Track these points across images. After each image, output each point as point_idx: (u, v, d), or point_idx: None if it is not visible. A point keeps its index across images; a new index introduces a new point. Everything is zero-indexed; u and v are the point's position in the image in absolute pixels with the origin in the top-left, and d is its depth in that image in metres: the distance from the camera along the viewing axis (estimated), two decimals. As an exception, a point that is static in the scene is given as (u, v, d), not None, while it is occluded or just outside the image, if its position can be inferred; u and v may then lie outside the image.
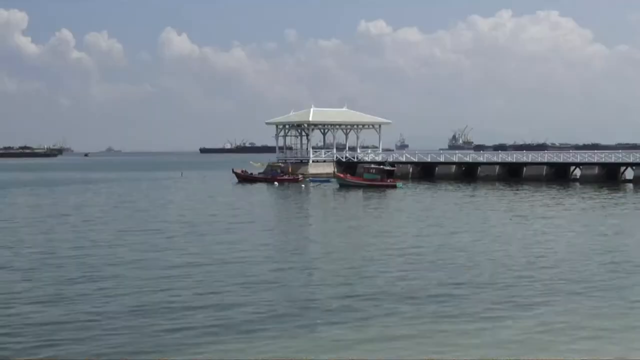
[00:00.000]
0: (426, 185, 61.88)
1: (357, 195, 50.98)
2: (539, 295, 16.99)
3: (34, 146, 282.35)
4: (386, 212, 37.15)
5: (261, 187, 62.83)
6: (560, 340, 13.38)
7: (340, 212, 37.68)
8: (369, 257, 21.61)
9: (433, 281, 18.35)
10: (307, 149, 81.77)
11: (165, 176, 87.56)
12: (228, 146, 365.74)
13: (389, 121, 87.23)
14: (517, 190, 55.07)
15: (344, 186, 60.20)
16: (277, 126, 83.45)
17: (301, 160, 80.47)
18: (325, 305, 15.73)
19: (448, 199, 46.04)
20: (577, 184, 62.33)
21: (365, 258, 21.42)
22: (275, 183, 65.22)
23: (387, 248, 23.69)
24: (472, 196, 48.94)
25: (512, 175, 69.14)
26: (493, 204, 41.94)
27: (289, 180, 68.47)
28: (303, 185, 62.75)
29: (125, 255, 22.60)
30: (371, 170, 61.24)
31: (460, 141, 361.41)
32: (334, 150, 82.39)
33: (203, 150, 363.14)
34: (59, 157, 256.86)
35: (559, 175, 67.39)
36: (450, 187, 58.85)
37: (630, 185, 59.76)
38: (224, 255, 22.60)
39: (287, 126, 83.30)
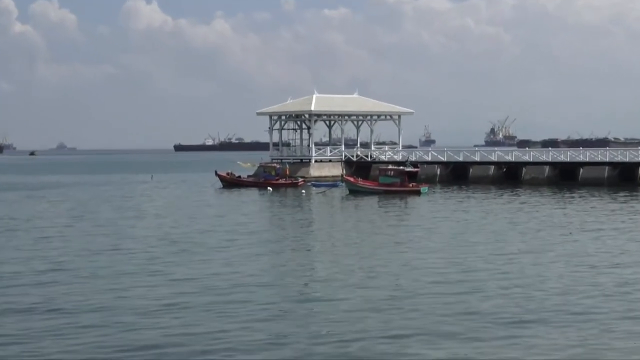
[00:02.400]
0: (458, 191, 61.82)
1: (371, 204, 50.90)
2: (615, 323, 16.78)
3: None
4: (411, 228, 36.96)
5: (251, 193, 62.76)
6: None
7: (350, 227, 37.58)
8: (399, 301, 20.73)
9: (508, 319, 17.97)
10: (308, 145, 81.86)
11: (133, 180, 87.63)
12: (209, 142, 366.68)
13: (411, 111, 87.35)
14: (573, 196, 54.92)
15: (355, 192, 60.24)
16: (270, 117, 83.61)
17: (301, 160, 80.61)
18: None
19: (488, 209, 45.90)
20: (648, 188, 62.25)
21: (396, 300, 20.38)
22: (269, 188, 65.25)
23: (422, 281, 22.78)
24: (520, 204, 48.74)
25: (566, 177, 69.06)
26: (549, 215, 41.80)
27: (285, 185, 68.59)
28: (303, 191, 62.79)
29: (91, 288, 22.36)
30: (389, 173, 61.28)
31: (500, 136, 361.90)
32: (342, 147, 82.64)
33: (178, 148, 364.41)
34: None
35: (624, 177, 67.23)
36: (488, 193, 58.74)
37: None
38: (215, 293, 22.36)
39: (283, 117, 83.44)
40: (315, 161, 79.70)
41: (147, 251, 29.07)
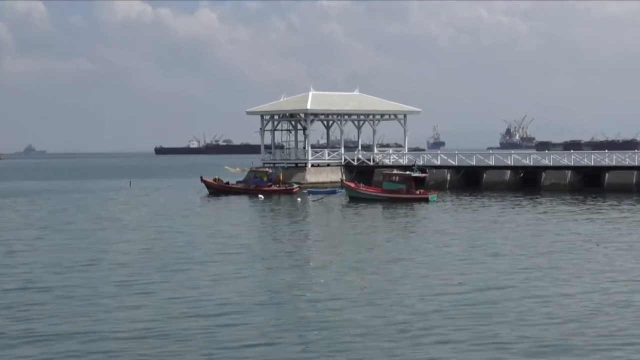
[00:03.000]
0: (470, 198, 61.87)
1: (373, 214, 50.85)
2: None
3: None
4: (419, 241, 36.88)
5: (241, 201, 62.73)
6: None
7: (351, 240, 37.49)
8: (412, 330, 20.64)
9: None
10: (304, 148, 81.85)
11: (109, 186, 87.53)
12: (194, 145, 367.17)
13: (418, 109, 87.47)
14: (598, 204, 54.90)
15: (356, 199, 60.35)
16: (262, 117, 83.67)
17: (296, 164, 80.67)
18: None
19: (505, 219, 45.80)
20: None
21: (407, 325, 20.21)
22: (260, 196, 65.25)
23: (435, 303, 22.54)
24: (539, 214, 48.71)
25: (590, 183, 69.11)
26: (573, 225, 41.80)
27: (279, 192, 68.54)
28: (299, 199, 62.79)
29: (65, 309, 22.21)
30: (393, 178, 61.33)
31: (517, 137, 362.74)
32: (342, 149, 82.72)
33: (160, 151, 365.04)
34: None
35: (655, 183, 67.21)
36: (504, 201, 58.77)
37: None
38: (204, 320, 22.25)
39: (276, 117, 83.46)
40: (312, 165, 79.66)
41: (127, 267, 28.96)
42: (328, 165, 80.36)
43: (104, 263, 29.90)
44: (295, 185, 70.99)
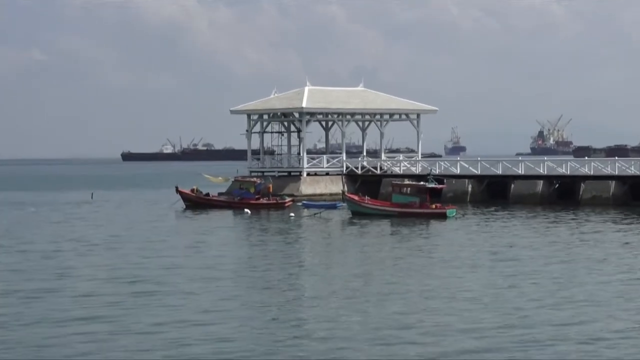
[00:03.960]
0: (496, 215, 61.92)
1: (380, 232, 50.92)
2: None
3: None
4: (437, 267, 36.75)
5: (223, 217, 62.81)
6: None
7: (354, 264, 37.51)
8: None
9: None
10: (298, 154, 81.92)
11: (69, 199, 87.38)
12: (168, 149, 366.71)
13: (434, 108, 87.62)
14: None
15: (360, 215, 60.35)
16: (249, 117, 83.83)
17: (289, 173, 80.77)
18: None
19: (538, 240, 45.51)
20: None
21: None
22: (247, 210, 65.22)
23: (462, 347, 22.16)
24: (581, 233, 48.64)
25: (638, 196, 69.01)
26: (622, 249, 41.72)
27: (269, 206, 68.69)
28: (292, 215, 62.76)
29: (19, 344, 22.29)
30: (405, 190, 61.36)
31: (551, 141, 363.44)
32: (343, 155, 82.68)
33: (127, 157, 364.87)
34: None
35: None
36: (536, 217, 58.79)
37: None
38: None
39: (265, 117, 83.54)
40: (308, 174, 79.68)
41: (93, 295, 28.96)
42: (327, 174, 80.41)
43: (64, 291, 29.86)
44: (288, 198, 70.99)
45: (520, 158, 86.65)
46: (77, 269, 36.10)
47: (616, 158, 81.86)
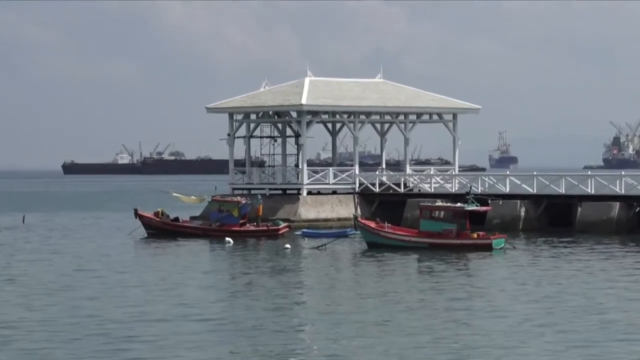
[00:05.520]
0: (557, 246, 62.01)
1: (405, 271, 51.27)
2: None
3: None
4: (480, 321, 36.10)
5: (197, 248, 63.25)
6: None
7: (371, 314, 37.21)
8: None
9: None
10: (296, 165, 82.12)
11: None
12: (124, 159, 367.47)
13: (476, 107, 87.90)
14: None
15: (378, 247, 60.55)
16: (231, 117, 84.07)
17: (284, 191, 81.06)
18: None
19: (615, 283, 45.20)
20: None
21: None
22: (228, 240, 65.23)
23: None
24: None
25: None
26: None
27: (257, 234, 69.01)
28: (288, 246, 62.73)
29: None
30: (437, 214, 61.61)
31: (631, 150, 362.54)
32: (356, 168, 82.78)
33: (70, 168, 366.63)
34: None
35: None
36: (611, 250, 59.26)
37: None
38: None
39: (253, 116, 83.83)
40: (309, 193, 79.81)
41: (37, 349, 29.05)
42: (334, 192, 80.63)
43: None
44: (283, 224, 71.17)
45: (589, 172, 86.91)
46: (13, 310, 36.02)
47: None
